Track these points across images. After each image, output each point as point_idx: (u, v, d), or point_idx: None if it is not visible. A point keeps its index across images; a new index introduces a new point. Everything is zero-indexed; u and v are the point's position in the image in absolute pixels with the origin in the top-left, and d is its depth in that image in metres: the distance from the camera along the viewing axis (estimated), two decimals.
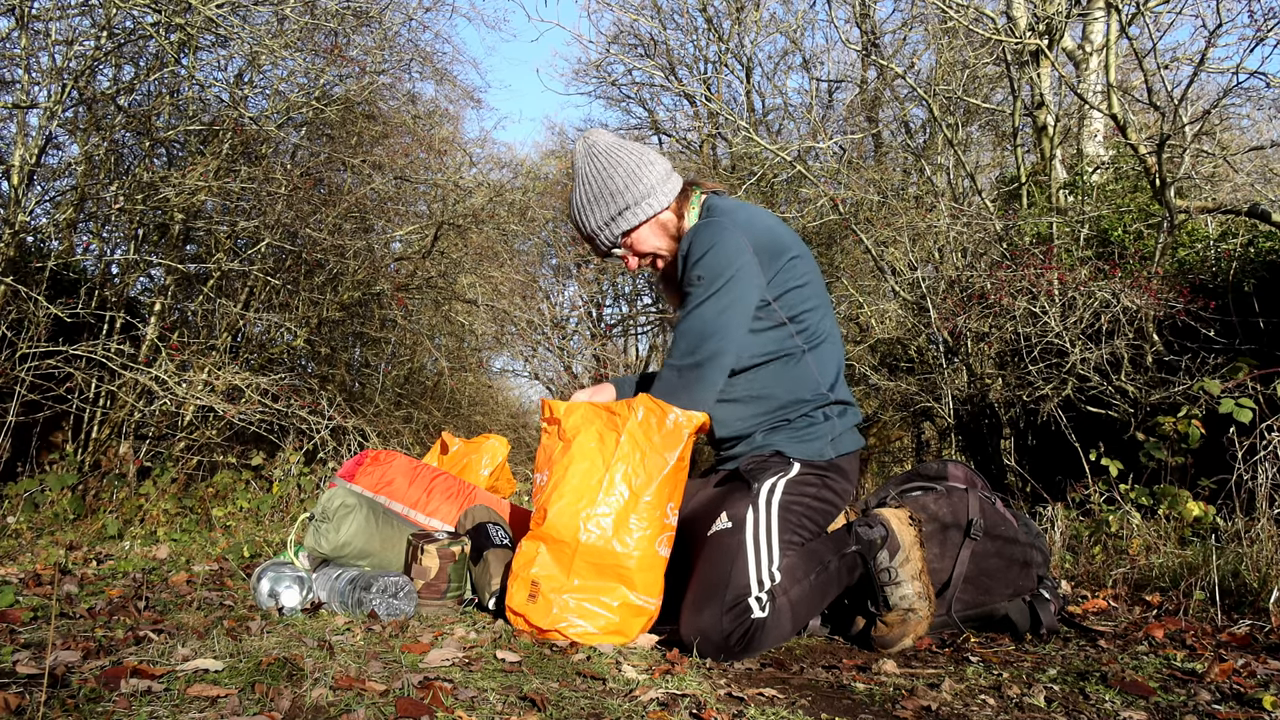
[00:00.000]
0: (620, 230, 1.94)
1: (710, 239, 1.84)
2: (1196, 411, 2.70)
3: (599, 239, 1.97)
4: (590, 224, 1.96)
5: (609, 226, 1.95)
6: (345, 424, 4.53)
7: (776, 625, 1.67)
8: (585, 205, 1.96)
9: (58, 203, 4.86)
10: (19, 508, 3.58)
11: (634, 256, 1.99)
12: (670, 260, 1.99)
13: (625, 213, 1.93)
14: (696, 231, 1.86)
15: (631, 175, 1.94)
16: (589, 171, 1.96)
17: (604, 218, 1.94)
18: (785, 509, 1.76)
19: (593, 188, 1.95)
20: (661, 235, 1.97)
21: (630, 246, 1.97)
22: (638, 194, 1.93)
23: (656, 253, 1.98)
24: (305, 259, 5.81)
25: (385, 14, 6.36)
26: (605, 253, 2.00)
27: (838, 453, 1.88)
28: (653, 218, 1.95)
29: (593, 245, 2.02)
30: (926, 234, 5.71)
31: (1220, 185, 5.65)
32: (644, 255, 1.99)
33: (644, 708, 1.26)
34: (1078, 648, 1.76)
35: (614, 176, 1.94)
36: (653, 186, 1.94)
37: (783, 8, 10.31)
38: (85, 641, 1.44)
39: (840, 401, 1.93)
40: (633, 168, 1.95)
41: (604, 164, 1.95)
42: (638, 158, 1.97)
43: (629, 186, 1.93)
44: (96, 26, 4.43)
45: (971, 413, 5.54)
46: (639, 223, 1.94)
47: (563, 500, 1.74)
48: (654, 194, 1.94)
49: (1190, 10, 4.86)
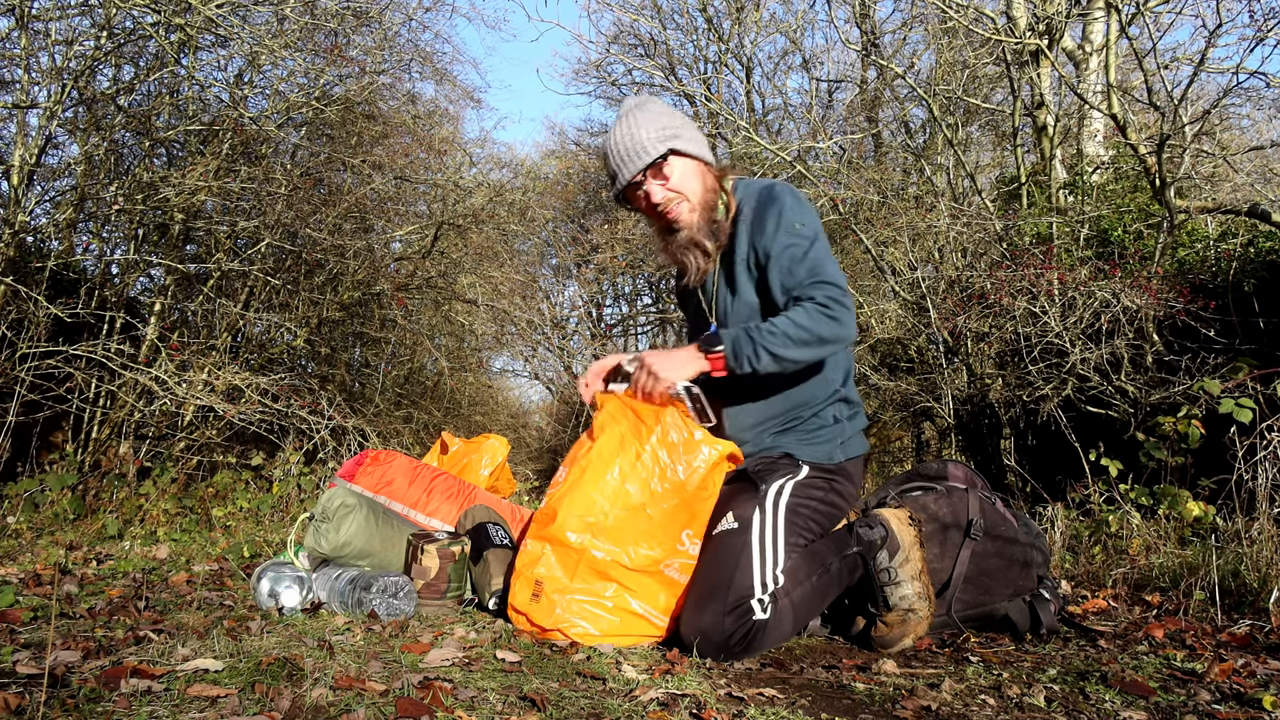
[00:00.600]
0: (669, 147, 1.86)
1: (796, 200, 1.87)
2: (1196, 411, 2.70)
3: (644, 149, 1.85)
4: (639, 135, 1.85)
5: (660, 141, 1.85)
6: (345, 424, 4.53)
7: (778, 626, 1.67)
8: (637, 123, 1.87)
9: (58, 203, 4.86)
10: (19, 508, 3.58)
11: (661, 189, 1.88)
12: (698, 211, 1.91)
13: (680, 137, 1.88)
14: (776, 192, 1.88)
15: (688, 124, 1.94)
16: (647, 104, 1.93)
17: (657, 133, 1.86)
18: (792, 511, 1.76)
19: (649, 113, 1.89)
20: (698, 183, 1.90)
21: (665, 177, 1.88)
22: (696, 136, 1.93)
23: (688, 194, 1.89)
24: (305, 259, 5.81)
25: (385, 14, 6.36)
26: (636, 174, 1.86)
27: (846, 456, 1.88)
28: (699, 159, 1.92)
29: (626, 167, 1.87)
30: (926, 234, 5.71)
31: (1220, 185, 5.65)
32: (671, 193, 1.88)
33: (644, 708, 1.26)
34: (1078, 648, 1.76)
35: (674, 115, 1.93)
36: (704, 142, 1.95)
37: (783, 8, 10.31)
38: (85, 641, 1.44)
39: (849, 400, 1.93)
40: (689, 121, 1.95)
41: (664, 106, 1.95)
42: (694, 122, 1.99)
43: (686, 125, 1.93)
44: (96, 26, 4.43)
45: (971, 413, 5.54)
46: (691, 152, 1.89)
47: (574, 504, 1.74)
48: (704, 145, 1.95)
49: (1190, 10, 4.86)
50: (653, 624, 1.72)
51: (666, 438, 1.76)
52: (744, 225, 1.90)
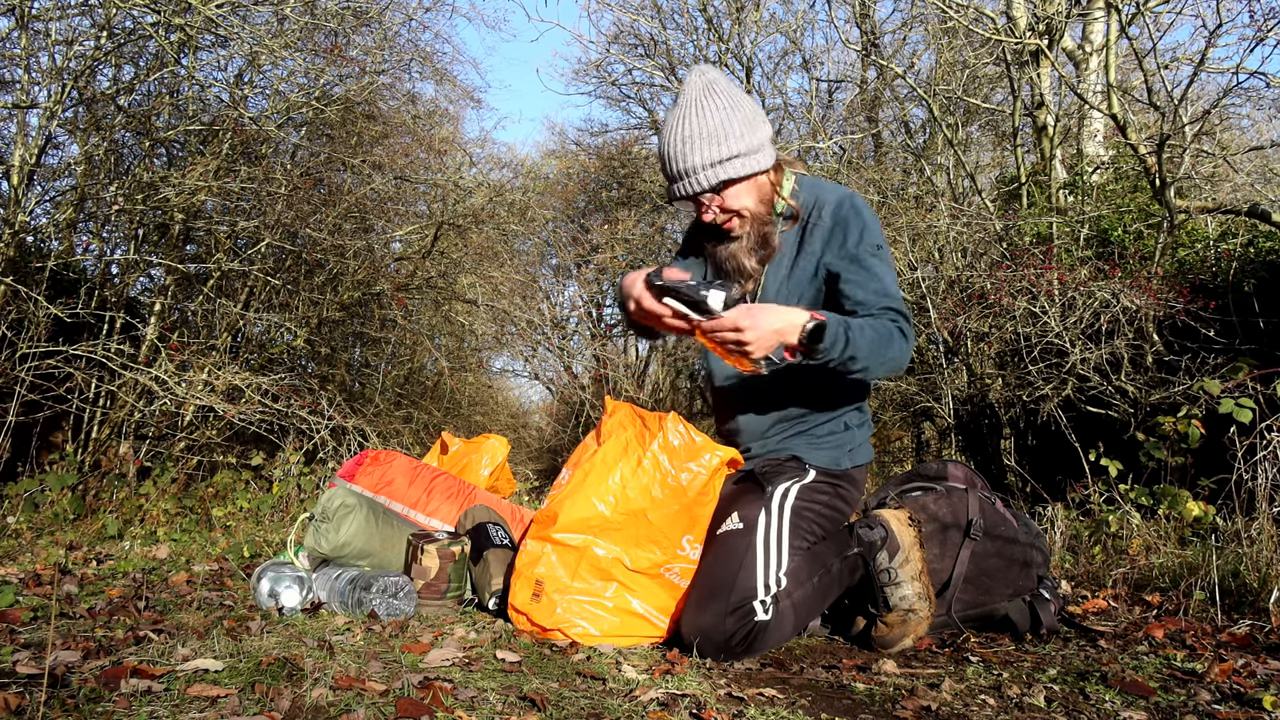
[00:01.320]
0: (723, 177, 1.75)
1: (874, 217, 1.84)
2: (1196, 411, 2.70)
3: (692, 179, 1.76)
4: (690, 160, 1.75)
5: (711, 170, 1.75)
6: (345, 424, 4.53)
7: (779, 627, 1.67)
8: (691, 140, 1.74)
9: (58, 203, 4.86)
10: (19, 508, 3.58)
11: (718, 209, 1.82)
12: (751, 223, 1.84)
13: (734, 161, 1.76)
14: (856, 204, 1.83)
15: (749, 125, 1.78)
16: (707, 105, 1.75)
17: (710, 159, 1.74)
18: (797, 514, 1.76)
19: (706, 123, 1.74)
20: (754, 195, 1.82)
21: (719, 200, 1.80)
22: (751, 144, 1.77)
23: (742, 210, 1.82)
24: (305, 259, 5.81)
25: (385, 14, 6.36)
26: (687, 196, 1.80)
27: (853, 463, 1.89)
28: (756, 175, 1.80)
29: (676, 185, 1.80)
30: (926, 234, 5.70)
31: (1220, 185, 5.65)
32: (729, 211, 1.82)
33: (644, 708, 1.26)
34: (1078, 648, 1.76)
35: (732, 120, 1.75)
36: (764, 143, 1.80)
37: (783, 8, 10.31)
38: (85, 641, 1.44)
39: (861, 410, 1.94)
40: (751, 117, 1.79)
41: (724, 103, 1.77)
42: (756, 110, 1.81)
43: (744, 134, 1.76)
44: (96, 26, 4.43)
45: (971, 413, 5.54)
46: (745, 175, 1.78)
47: (576, 506, 1.74)
48: (764, 151, 1.80)
49: (1190, 10, 4.86)
50: (653, 624, 1.72)
51: (669, 443, 1.77)
52: (819, 232, 1.84)
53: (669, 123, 1.80)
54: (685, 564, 1.75)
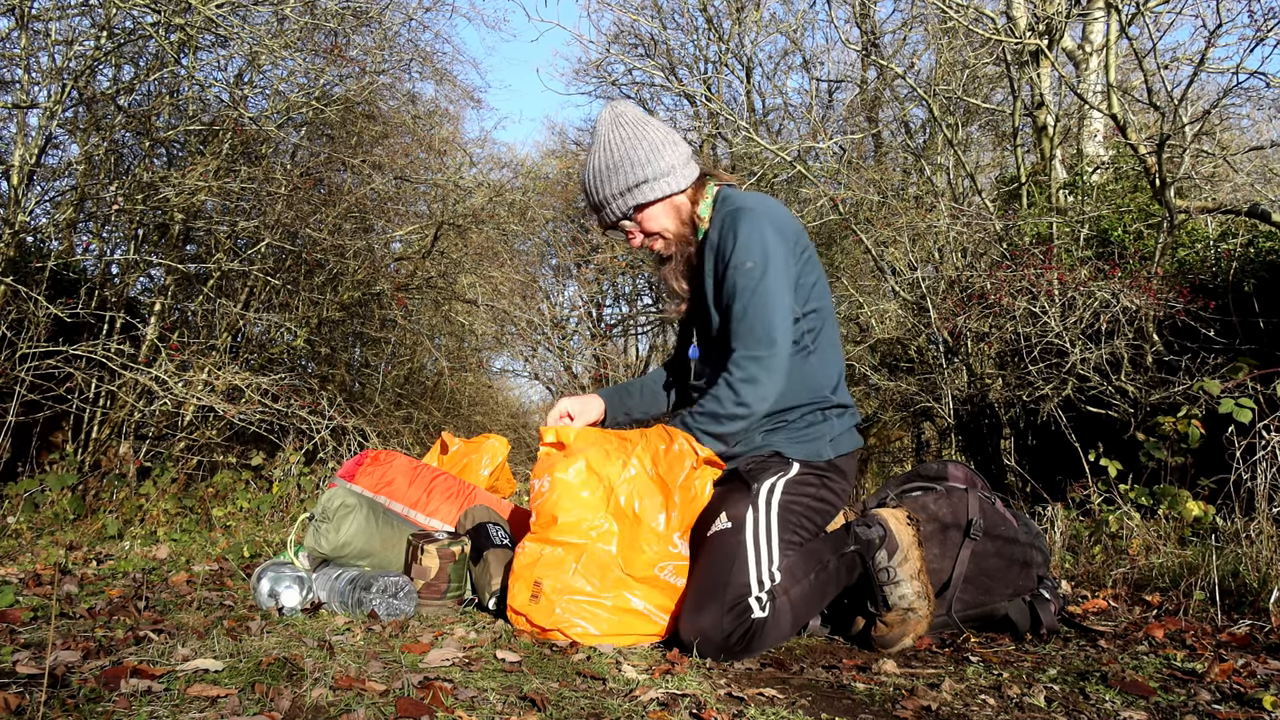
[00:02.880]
0: (633, 203, 1.89)
1: (753, 227, 1.83)
2: (1196, 411, 2.70)
3: (609, 209, 1.91)
4: (603, 192, 1.90)
5: (622, 198, 1.89)
6: (345, 424, 4.53)
7: (776, 625, 1.67)
8: (602, 172, 1.89)
9: (58, 203, 4.85)
10: (19, 508, 3.58)
11: (640, 234, 1.94)
12: (675, 244, 1.94)
13: (642, 186, 1.88)
14: (736, 219, 1.84)
15: (655, 150, 1.88)
16: (612, 139, 1.89)
17: (619, 187, 1.88)
18: (785, 509, 1.77)
19: (613, 155, 1.88)
20: (672, 217, 1.92)
21: (639, 222, 1.93)
22: (658, 170, 1.88)
23: (663, 233, 1.93)
24: (305, 259, 5.81)
25: (385, 14, 6.35)
26: (611, 224, 1.95)
27: (837, 453, 1.89)
28: (668, 198, 1.91)
29: (599, 215, 1.95)
30: (926, 234, 5.71)
31: (1220, 185, 5.64)
32: (650, 234, 1.94)
33: (644, 708, 1.26)
34: (1078, 648, 1.76)
35: (637, 149, 1.88)
36: (673, 166, 1.90)
37: (783, 8, 10.31)
38: (85, 641, 1.44)
39: (840, 405, 1.94)
40: (657, 144, 1.90)
41: (629, 134, 1.89)
42: (663, 135, 1.92)
43: (650, 160, 1.87)
44: (96, 26, 4.43)
45: (971, 413, 5.54)
46: (654, 199, 1.89)
47: (571, 509, 1.75)
48: (673, 174, 1.90)
49: (1190, 10, 4.86)
50: (652, 621, 1.73)
51: (651, 445, 1.80)
52: (710, 251, 1.90)
53: (586, 160, 1.93)
54: (679, 561, 1.76)
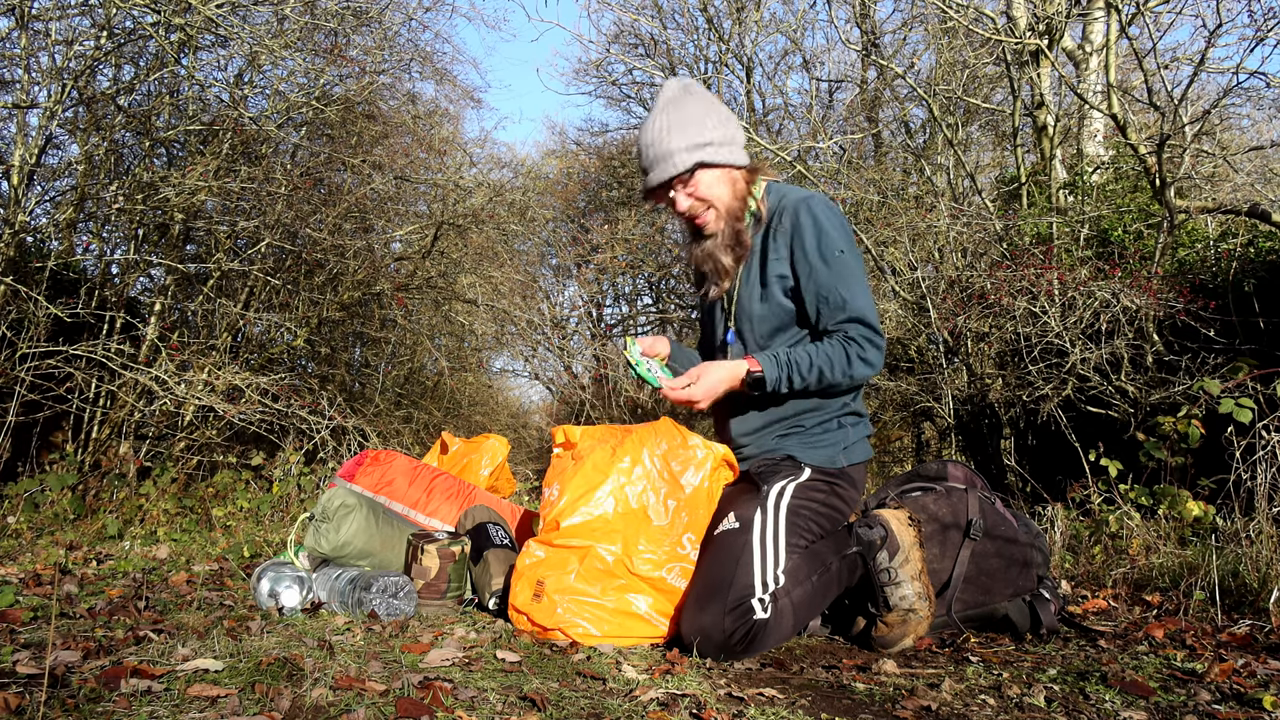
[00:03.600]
0: (697, 160, 1.84)
1: (834, 216, 1.86)
2: (1196, 411, 2.70)
3: (671, 161, 1.84)
4: (669, 144, 1.84)
5: (688, 153, 1.84)
6: (345, 424, 4.53)
7: (778, 626, 1.67)
8: (671, 126, 1.84)
9: (58, 203, 4.85)
10: (19, 508, 3.58)
11: (687, 198, 1.89)
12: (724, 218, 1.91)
13: (709, 148, 1.85)
14: (811, 206, 1.86)
15: (725, 120, 1.89)
16: (685, 101, 1.87)
17: (688, 143, 1.84)
18: (793, 513, 1.76)
19: (684, 114, 1.85)
20: (728, 189, 1.90)
21: (694, 186, 1.88)
22: (726, 137, 1.88)
23: (715, 202, 1.90)
24: (305, 259, 5.81)
25: (385, 14, 6.35)
26: (662, 184, 1.88)
27: (849, 462, 1.90)
28: (729, 168, 1.89)
29: (655, 171, 1.87)
30: (926, 234, 5.70)
31: (1220, 185, 5.64)
32: (701, 200, 1.90)
33: (644, 708, 1.26)
34: (1078, 648, 1.76)
35: (709, 114, 1.87)
36: (740, 142, 1.91)
37: (783, 8, 10.31)
38: (85, 641, 1.44)
39: (856, 414, 1.95)
40: (727, 116, 1.91)
41: (701, 101, 1.88)
42: (730, 115, 1.93)
43: (720, 127, 1.87)
44: (96, 26, 4.43)
45: (971, 413, 5.54)
46: (718, 163, 1.87)
47: (575, 512, 1.75)
48: (739, 147, 1.90)
49: (1190, 10, 4.86)
50: (653, 625, 1.73)
51: (662, 445, 1.79)
52: (780, 236, 1.89)
53: (647, 120, 1.90)
54: (686, 564, 1.75)
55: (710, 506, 1.81)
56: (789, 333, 1.92)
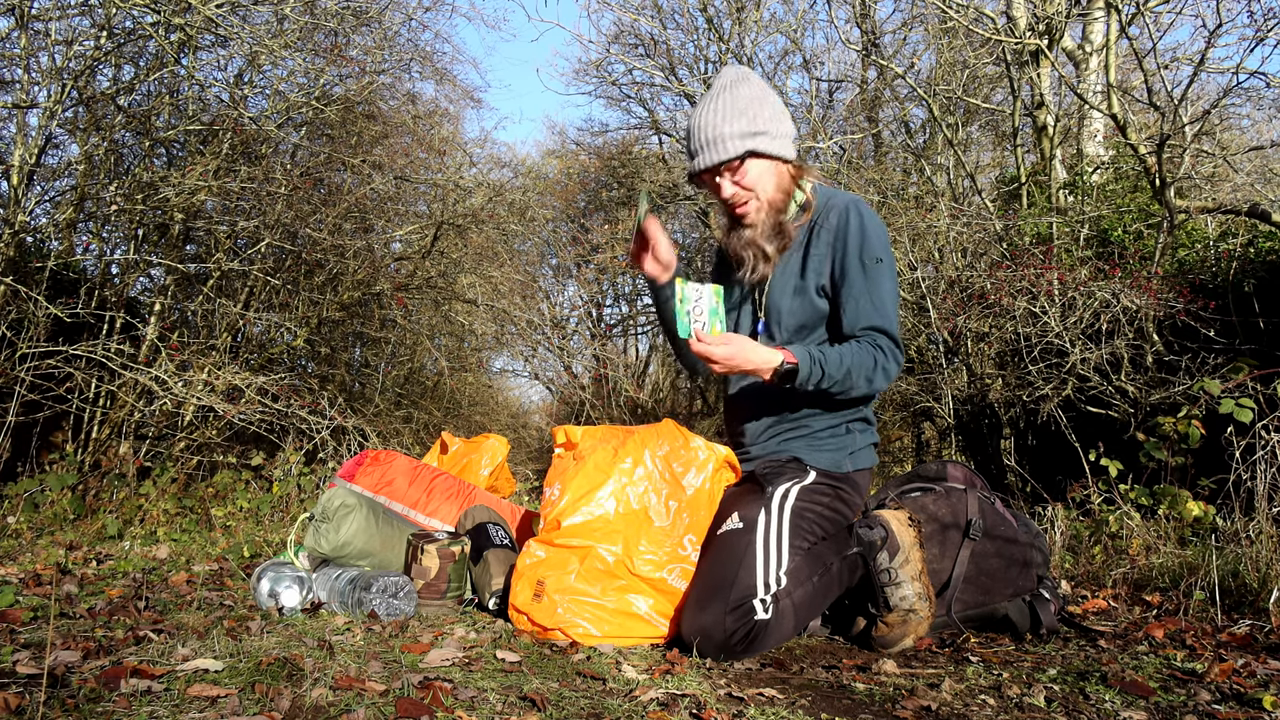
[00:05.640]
0: (749, 147, 1.83)
1: (879, 225, 1.86)
2: (1196, 411, 2.70)
3: (722, 145, 1.83)
4: (722, 128, 1.83)
5: (741, 140, 1.83)
6: (345, 424, 4.53)
7: (779, 627, 1.67)
8: (725, 111, 1.83)
9: (58, 203, 4.85)
10: (19, 508, 3.58)
11: (733, 185, 1.87)
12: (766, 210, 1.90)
13: (762, 136, 1.84)
14: (860, 210, 1.86)
15: (780, 113, 1.89)
16: (742, 89, 1.86)
17: (742, 129, 1.83)
18: (797, 515, 1.76)
19: (740, 102, 1.84)
20: (774, 181, 1.89)
21: (741, 174, 1.87)
22: (781, 130, 1.87)
23: (759, 192, 1.88)
24: (305, 259, 5.81)
25: (385, 14, 6.35)
26: (710, 168, 1.87)
27: (855, 467, 1.91)
28: (780, 159, 1.89)
29: (704, 154, 1.86)
30: (926, 234, 5.70)
31: (1220, 185, 5.64)
32: (745, 189, 1.88)
33: (644, 708, 1.26)
34: (1078, 648, 1.76)
35: (765, 105, 1.87)
36: (791, 135, 1.90)
37: (783, 8, 10.30)
38: (85, 641, 1.44)
39: (864, 420, 1.95)
40: (782, 109, 1.90)
41: (759, 90, 1.87)
42: (784, 108, 1.92)
43: (775, 118, 1.87)
44: (96, 26, 4.43)
45: (971, 413, 5.54)
46: (771, 153, 1.86)
47: (576, 511, 1.75)
48: (789, 141, 1.90)
49: (1190, 10, 4.86)
50: (654, 626, 1.73)
51: (664, 446, 1.78)
52: (825, 234, 1.90)
53: (700, 103, 1.89)
54: (687, 565, 1.75)
55: (712, 508, 1.81)
56: (815, 333, 1.93)
